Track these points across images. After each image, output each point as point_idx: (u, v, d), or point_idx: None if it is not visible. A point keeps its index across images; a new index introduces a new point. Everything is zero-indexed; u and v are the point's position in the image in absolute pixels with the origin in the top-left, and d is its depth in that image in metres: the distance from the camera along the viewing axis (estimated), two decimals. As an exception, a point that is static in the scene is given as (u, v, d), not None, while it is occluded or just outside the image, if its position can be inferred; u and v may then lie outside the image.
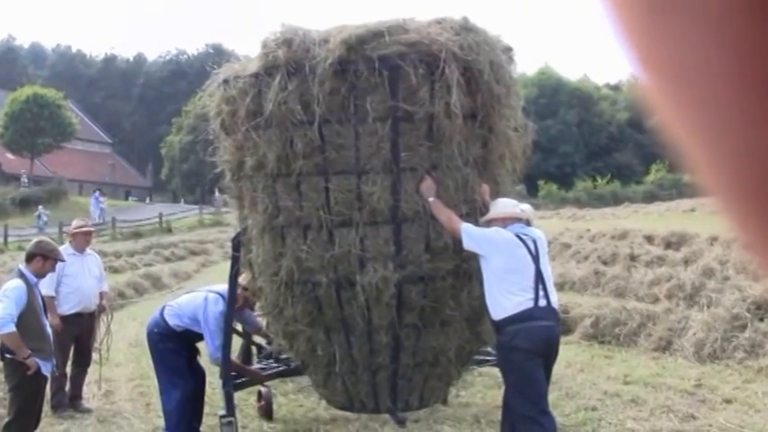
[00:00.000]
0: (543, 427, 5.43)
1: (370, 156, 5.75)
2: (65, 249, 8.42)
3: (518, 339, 5.44)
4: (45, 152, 56.69)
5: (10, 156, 57.76)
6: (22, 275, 6.59)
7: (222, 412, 6.59)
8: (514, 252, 5.60)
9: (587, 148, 64.89)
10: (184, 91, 68.21)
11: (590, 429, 7.18)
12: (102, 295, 8.49)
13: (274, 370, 7.51)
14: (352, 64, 5.60)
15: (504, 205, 5.84)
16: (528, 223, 6.07)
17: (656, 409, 7.57)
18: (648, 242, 19.85)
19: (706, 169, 0.44)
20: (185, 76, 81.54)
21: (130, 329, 12.98)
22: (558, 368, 9.44)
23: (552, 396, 7.17)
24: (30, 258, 6.76)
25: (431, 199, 5.78)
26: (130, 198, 69.43)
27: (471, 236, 5.63)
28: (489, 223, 5.81)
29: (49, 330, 6.79)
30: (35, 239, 7.23)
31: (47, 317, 6.89)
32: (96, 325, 8.48)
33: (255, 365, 7.89)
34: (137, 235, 36.94)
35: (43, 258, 6.73)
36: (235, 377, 7.37)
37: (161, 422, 7.77)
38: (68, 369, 8.53)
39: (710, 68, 0.40)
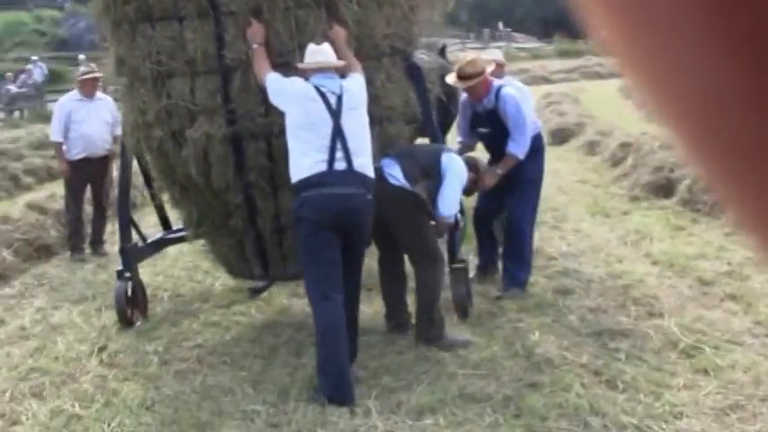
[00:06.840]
0: (322, 312, 4.72)
1: None
2: (72, 96, 8.65)
3: (305, 209, 4.69)
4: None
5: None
6: None
7: (119, 268, 6.36)
8: (308, 106, 4.77)
9: None
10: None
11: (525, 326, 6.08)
12: (116, 139, 8.55)
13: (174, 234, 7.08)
14: None
15: (309, 53, 4.95)
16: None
17: (629, 300, 6.29)
18: None
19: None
20: None
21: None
22: (600, 241, 8.22)
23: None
24: None
25: (255, 46, 5.07)
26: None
27: (271, 87, 4.90)
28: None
29: None
30: None
31: None
32: (109, 169, 8.62)
33: None
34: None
35: None
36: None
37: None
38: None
39: None
